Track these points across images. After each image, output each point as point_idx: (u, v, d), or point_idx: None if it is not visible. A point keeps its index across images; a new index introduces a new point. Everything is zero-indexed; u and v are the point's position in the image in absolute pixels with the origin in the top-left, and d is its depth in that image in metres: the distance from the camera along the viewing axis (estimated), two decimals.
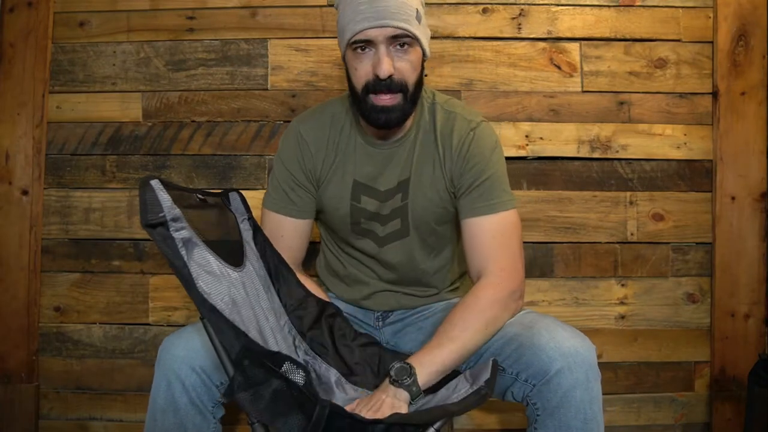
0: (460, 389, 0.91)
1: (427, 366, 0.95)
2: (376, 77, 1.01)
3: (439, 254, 1.21)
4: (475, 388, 0.88)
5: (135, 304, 1.58)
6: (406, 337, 1.20)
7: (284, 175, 1.16)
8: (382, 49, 1.00)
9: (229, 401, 0.84)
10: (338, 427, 0.79)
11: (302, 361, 1.03)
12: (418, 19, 1.02)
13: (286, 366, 0.79)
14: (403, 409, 0.91)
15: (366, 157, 1.15)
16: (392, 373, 0.93)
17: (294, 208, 1.16)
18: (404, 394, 0.92)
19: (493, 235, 1.07)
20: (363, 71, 1.03)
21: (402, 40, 1.01)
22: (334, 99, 1.23)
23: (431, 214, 1.14)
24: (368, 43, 1.01)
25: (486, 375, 0.89)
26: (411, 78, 1.04)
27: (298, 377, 0.79)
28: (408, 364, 0.94)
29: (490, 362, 0.92)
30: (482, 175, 1.09)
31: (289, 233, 1.17)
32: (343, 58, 1.08)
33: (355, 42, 1.02)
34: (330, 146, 1.16)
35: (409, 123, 1.14)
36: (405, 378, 0.92)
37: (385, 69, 1.00)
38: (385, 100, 1.03)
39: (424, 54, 1.07)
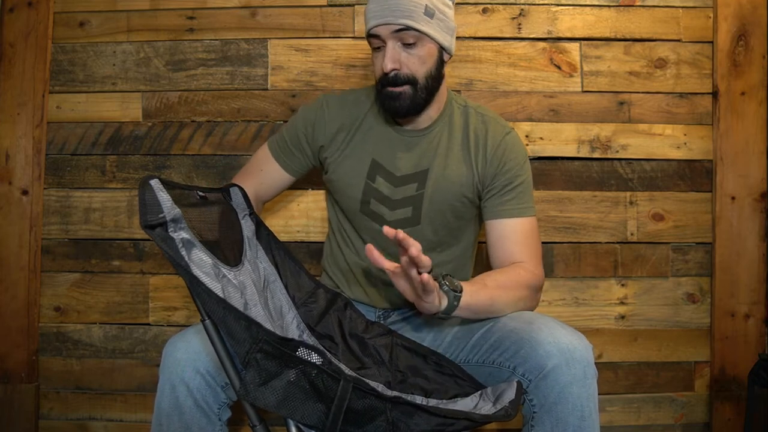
0: (481, 407, 0.91)
1: (470, 295, 0.99)
2: (384, 73, 1.08)
3: (446, 250, 1.23)
4: (498, 407, 0.88)
5: (135, 304, 1.58)
6: (406, 334, 1.20)
7: (293, 132, 1.26)
8: (389, 44, 1.08)
9: (245, 400, 0.82)
10: (360, 408, 0.78)
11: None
12: (429, 14, 1.06)
13: (300, 351, 0.78)
14: (441, 302, 0.96)
15: (387, 140, 1.20)
16: (445, 281, 0.97)
17: (285, 159, 1.26)
18: (445, 300, 0.97)
19: (525, 236, 1.14)
20: (377, 67, 1.12)
21: (406, 34, 1.06)
22: (363, 87, 1.31)
23: (449, 207, 1.18)
24: (380, 40, 1.08)
25: (510, 395, 0.89)
26: (419, 71, 1.10)
27: (315, 358, 0.78)
28: (460, 285, 0.98)
29: (515, 383, 0.92)
30: (517, 179, 1.16)
31: (268, 172, 1.27)
32: None
33: (370, 39, 1.11)
34: (347, 123, 1.22)
35: (433, 116, 1.19)
36: (454, 293, 0.97)
37: (387, 65, 1.07)
38: (394, 89, 1.10)
39: (443, 48, 1.12)
